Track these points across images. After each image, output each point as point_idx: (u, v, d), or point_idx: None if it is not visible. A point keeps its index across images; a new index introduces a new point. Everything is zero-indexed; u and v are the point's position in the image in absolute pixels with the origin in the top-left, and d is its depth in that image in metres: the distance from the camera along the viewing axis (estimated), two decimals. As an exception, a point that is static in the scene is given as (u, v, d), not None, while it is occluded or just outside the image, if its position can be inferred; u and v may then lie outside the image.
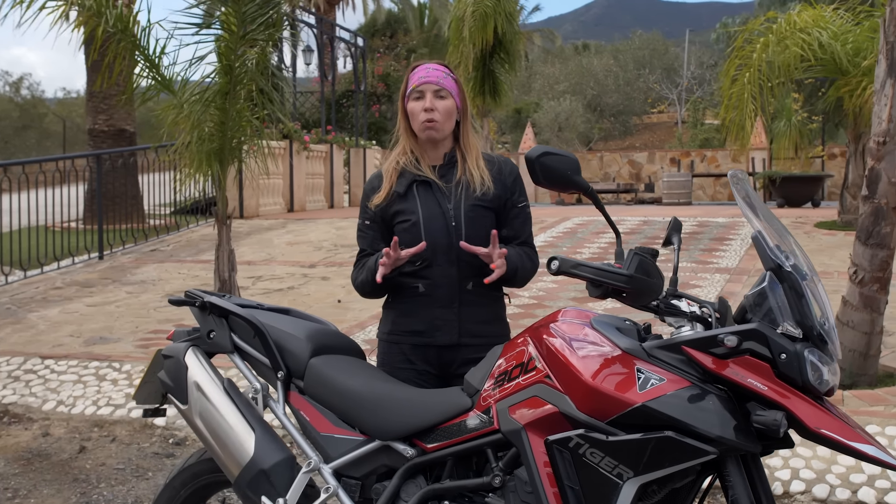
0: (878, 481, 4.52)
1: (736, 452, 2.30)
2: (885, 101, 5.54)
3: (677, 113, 44.21)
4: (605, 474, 2.31)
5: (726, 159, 22.40)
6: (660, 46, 45.78)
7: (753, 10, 28.78)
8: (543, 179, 2.52)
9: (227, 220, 7.28)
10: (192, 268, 10.47)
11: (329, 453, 2.85)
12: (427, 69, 3.20)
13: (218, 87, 6.53)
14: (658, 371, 2.33)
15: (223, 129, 6.81)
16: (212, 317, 3.15)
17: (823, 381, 2.28)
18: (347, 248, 11.26)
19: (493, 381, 2.61)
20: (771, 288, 2.35)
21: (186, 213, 14.15)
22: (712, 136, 31.48)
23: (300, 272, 9.87)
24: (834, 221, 11.48)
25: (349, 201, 19.23)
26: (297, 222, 13.94)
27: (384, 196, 3.19)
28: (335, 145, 18.09)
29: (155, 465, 5.24)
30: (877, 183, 5.57)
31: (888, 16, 5.54)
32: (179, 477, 3.23)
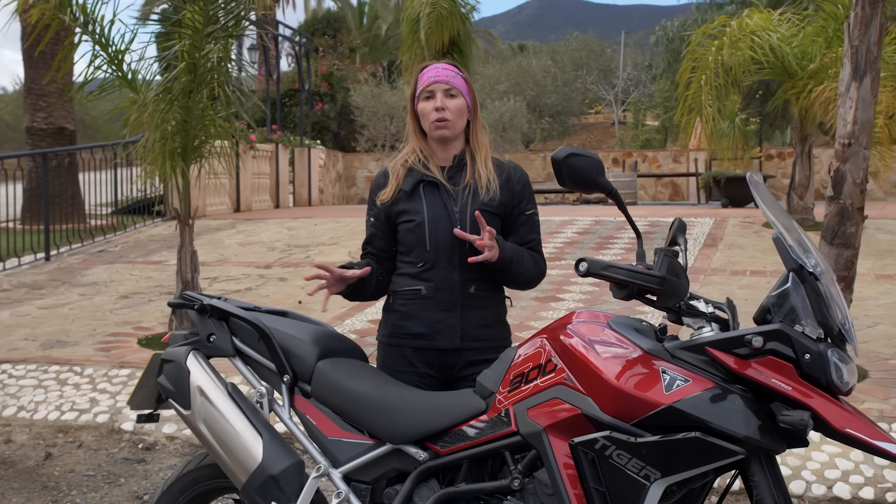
0: (851, 476, 4.62)
1: (762, 452, 2.32)
2: (849, 103, 5.66)
3: (614, 114, 44.74)
4: (631, 476, 2.31)
5: (667, 160, 22.73)
6: (596, 48, 46.25)
7: (689, 13, 29.22)
8: (569, 180, 2.51)
9: (189, 221, 7.15)
10: (143, 269, 10.28)
11: (337, 458, 2.81)
12: (436, 69, 3.18)
13: (182, 85, 6.41)
14: (683, 372, 2.34)
15: (186, 127, 6.70)
16: (211, 320, 3.09)
17: (844, 381, 2.31)
18: (301, 249, 11.16)
19: (509, 383, 2.60)
20: (793, 288, 2.37)
21: (127, 213, 13.90)
22: (653, 137, 31.96)
23: (256, 273, 9.76)
24: (781, 221, 11.69)
25: (294, 201, 19.07)
26: (246, 222, 13.78)
27: (391, 193, 3.16)
28: (280, 145, 17.93)
29: (126, 471, 5.13)
30: (842, 184, 5.69)
31: (853, 20, 5.66)
32: (178, 483, 3.16)
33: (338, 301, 3.24)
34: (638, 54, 47.95)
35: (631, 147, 30.29)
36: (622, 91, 44.45)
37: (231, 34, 6.86)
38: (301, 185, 19.23)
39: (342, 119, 23.89)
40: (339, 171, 22.36)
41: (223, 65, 6.78)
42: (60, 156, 12.96)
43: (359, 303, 7.65)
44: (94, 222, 13.57)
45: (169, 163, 6.76)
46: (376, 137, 18.60)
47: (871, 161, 6.08)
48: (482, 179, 3.12)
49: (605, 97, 45.12)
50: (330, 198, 21.25)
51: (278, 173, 17.95)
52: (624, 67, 45.65)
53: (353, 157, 23.18)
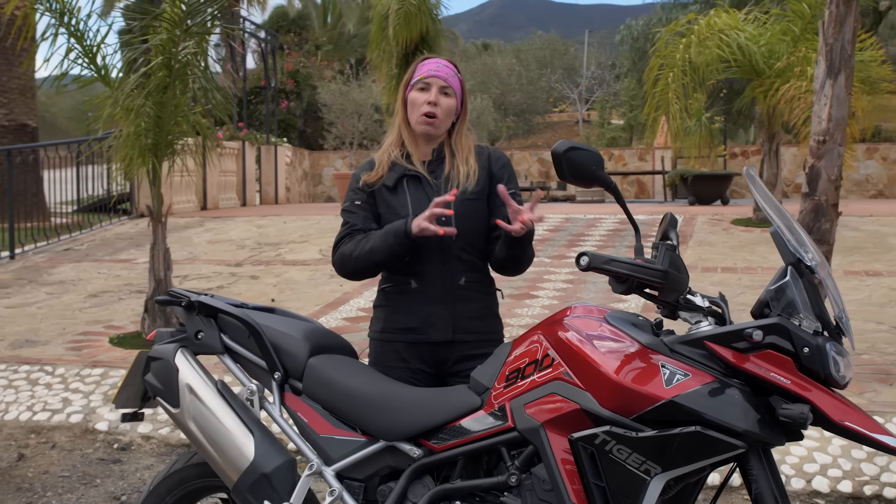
0: (830, 470, 4.66)
1: (761, 446, 2.33)
2: (824, 100, 5.72)
3: (578, 112, 44.95)
4: (632, 470, 2.30)
5: (633, 158, 22.85)
6: (560, 47, 46.44)
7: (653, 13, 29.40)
8: (569, 174, 2.50)
9: (162, 218, 7.07)
10: (112, 267, 10.15)
11: (330, 455, 2.79)
12: (437, 63, 3.17)
13: (158, 80, 6.33)
14: (682, 366, 2.34)
15: (159, 123, 6.62)
16: (199, 317, 3.06)
17: (841, 375, 2.32)
18: (272, 247, 11.09)
19: (505, 378, 2.58)
20: (792, 282, 2.37)
21: (91, 211, 13.73)
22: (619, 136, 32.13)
23: (227, 271, 9.67)
24: (749, 218, 11.80)
25: (261, 199, 18.95)
26: (214, 220, 13.66)
27: (375, 177, 3.13)
28: (247, 142, 17.80)
29: (102, 472, 5.05)
30: (817, 180, 5.75)
31: (827, 18, 5.72)
32: (165, 483, 3.12)
33: (314, 298, 3.20)
34: (601, 53, 48.22)
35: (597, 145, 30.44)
36: (586, 90, 44.66)
37: (208, 31, 6.80)
38: (268, 184, 19.11)
39: (308, 117, 23.77)
40: (306, 169, 22.24)
41: (198, 60, 6.71)
42: (24, 153, 12.75)
43: (333, 300, 7.61)
44: (57, 220, 13.38)
45: (141, 159, 6.68)
46: (344, 135, 18.52)
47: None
48: (461, 173, 3.10)
49: (570, 96, 45.31)
50: (297, 196, 21.13)
51: (245, 171, 17.82)
52: (588, 66, 45.87)
53: (320, 155, 23.07)
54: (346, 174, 17.39)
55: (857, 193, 20.11)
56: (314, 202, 21.87)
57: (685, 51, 10.46)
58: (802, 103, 9.51)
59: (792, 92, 10.00)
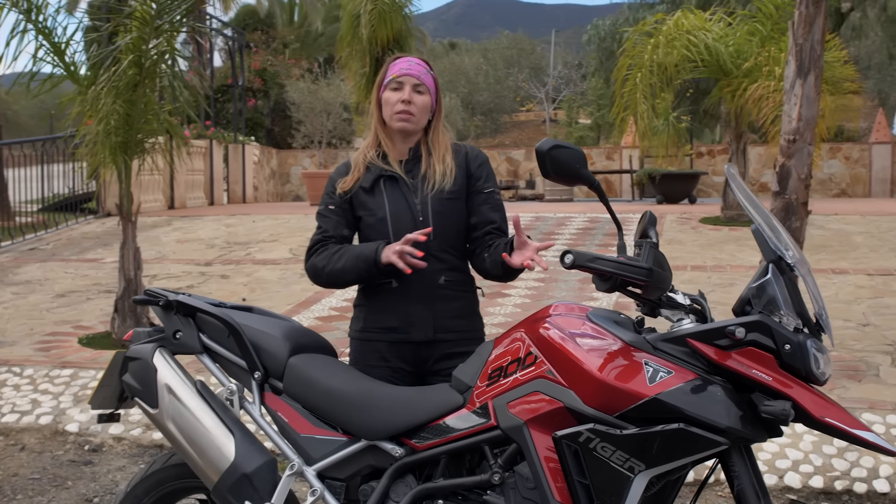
0: (801, 466, 4.71)
1: (743, 443, 2.34)
2: (794, 100, 5.77)
3: (545, 111, 45.08)
4: (616, 468, 2.31)
5: (601, 157, 22.95)
6: (527, 46, 46.60)
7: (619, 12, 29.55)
8: (552, 172, 2.51)
9: (132, 217, 7.00)
10: (79, 267, 10.04)
11: (311, 455, 2.77)
12: (409, 62, 3.17)
13: (128, 78, 6.27)
14: (665, 364, 2.35)
15: (129, 121, 6.55)
16: (177, 316, 3.02)
17: (821, 371, 2.34)
18: (241, 246, 11.02)
19: (487, 377, 2.58)
20: (773, 279, 2.39)
21: (56, 211, 13.58)
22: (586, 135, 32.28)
23: (196, 270, 9.60)
24: (717, 217, 11.90)
25: (228, 198, 18.83)
26: (182, 219, 13.56)
27: (351, 183, 3.13)
28: (214, 141, 17.68)
29: (73, 474, 5.00)
30: (787, 179, 5.80)
31: (797, 19, 5.78)
32: (142, 484, 3.08)
33: (285, 298, 3.17)
34: (567, 53, 48.42)
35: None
36: (553, 89, 44.81)
37: (177, 29, 6.74)
38: (235, 182, 18.99)
39: (276, 115, 23.64)
40: (274, 167, 22.13)
41: (167, 58, 6.65)
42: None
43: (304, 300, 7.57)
44: (22, 220, 13.22)
45: (111, 158, 6.61)
46: (313, 134, 18.42)
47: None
48: (437, 172, 3.10)
49: (537, 95, 45.44)
50: (264, 195, 21.02)
51: (213, 170, 17.70)
52: (554, 66, 46.02)
53: (288, 153, 22.97)
54: (316, 173, 17.27)
55: (820, 192, 20.35)
56: (282, 201, 21.77)
57: (653, 51, 10.53)
58: (771, 103, 9.60)
59: (760, 91, 10.09)
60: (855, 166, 20.71)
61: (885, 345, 6.30)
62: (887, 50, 25.17)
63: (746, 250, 9.66)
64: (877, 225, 11.29)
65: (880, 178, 20.41)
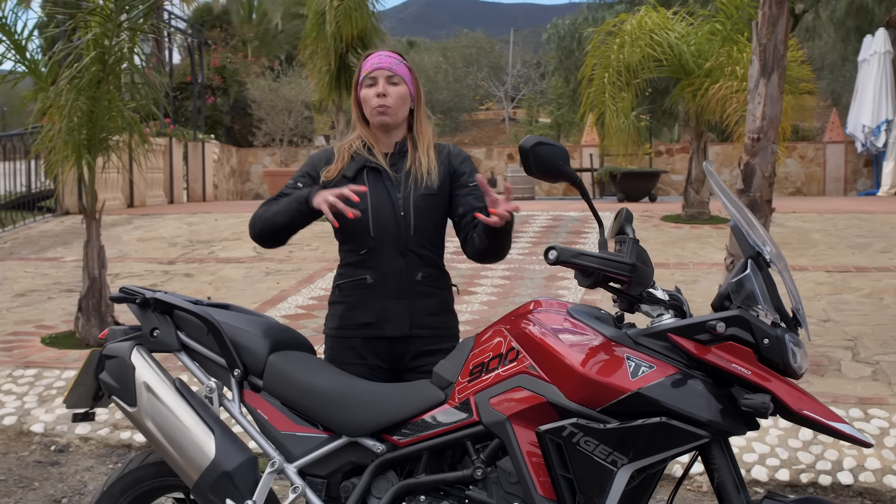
0: (768, 459, 4.79)
1: (724, 436, 2.38)
2: (758, 99, 5.86)
3: (504, 110, 45.16)
4: (599, 462, 2.34)
5: (561, 155, 23.04)
6: (486, 45, 46.62)
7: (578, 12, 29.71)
8: (536, 169, 2.52)
9: (96, 215, 6.92)
10: (38, 266, 9.90)
11: (291, 452, 2.78)
12: (380, 56, 3.18)
13: (91, 74, 6.20)
14: (646, 358, 2.38)
15: (93, 118, 6.48)
16: (155, 314, 3.00)
17: (799, 365, 2.39)
18: (204, 244, 10.94)
19: (469, 373, 2.60)
20: (752, 275, 2.43)
21: (11, 209, 13.37)
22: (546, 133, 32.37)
23: (160, 269, 9.52)
24: (678, 215, 12.02)
25: (188, 197, 18.66)
26: (143, 218, 13.42)
27: (335, 173, 3.12)
28: (174, 139, 17.51)
29: (40, 475, 4.94)
30: (751, 177, 5.88)
31: (761, 19, 5.85)
32: (119, 483, 3.06)
33: (251, 296, 3.16)
34: (526, 52, 48.53)
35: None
36: (512, 88, 44.91)
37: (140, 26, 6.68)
38: (195, 181, 18.83)
39: (236, 113, 23.48)
40: (234, 166, 21.97)
41: (131, 55, 6.59)
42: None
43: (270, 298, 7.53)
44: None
45: (75, 155, 6.53)
46: (274, 132, 18.32)
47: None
48: (423, 167, 3.12)
49: (496, 94, 45.52)
50: (224, 193, 20.86)
51: (172, 168, 17.54)
52: (513, 65, 46.13)
53: (248, 151, 22.81)
54: (277, 171, 17.22)
55: (776, 191, 20.48)
56: (242, 199, 21.63)
57: (619, 50, 10.61)
58: (735, 102, 9.71)
59: (723, 92, 10.20)
60: (810, 165, 21.02)
61: (845, 340, 6.42)
62: (839, 51, 25.55)
63: (707, 248, 9.77)
64: (833, 223, 11.48)
65: (834, 176, 20.74)
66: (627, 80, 10.84)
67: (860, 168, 20.70)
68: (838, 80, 26.02)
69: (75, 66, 6.19)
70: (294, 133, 18.68)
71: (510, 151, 23.40)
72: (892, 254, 9.54)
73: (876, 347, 6.25)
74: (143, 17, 6.59)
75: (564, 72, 27.56)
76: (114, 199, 14.88)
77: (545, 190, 22.44)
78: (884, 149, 18.07)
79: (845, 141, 20.28)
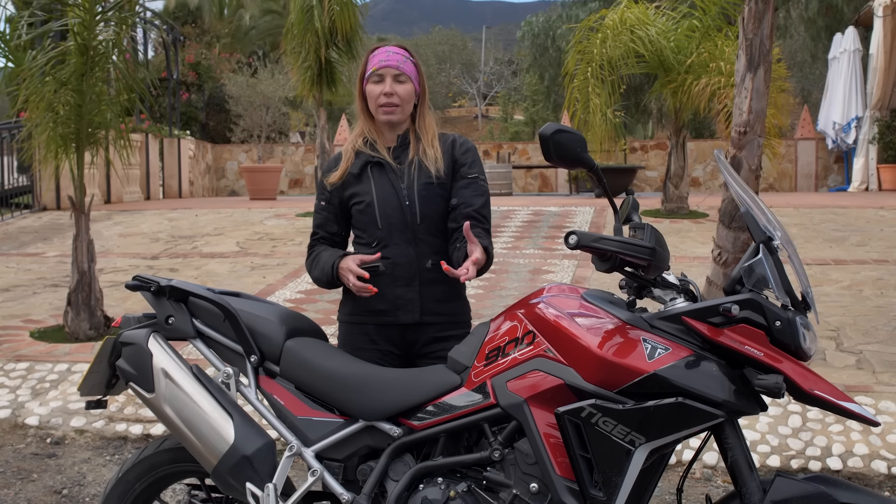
0: (759, 446, 4.87)
1: (738, 416, 2.45)
2: (745, 93, 5.96)
3: (477, 107, 45.28)
4: (617, 441, 2.39)
5: (536, 152, 23.12)
6: (458, 42, 46.71)
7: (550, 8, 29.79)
8: (555, 156, 2.56)
9: (85, 209, 6.90)
10: (20, 261, 9.85)
11: (308, 436, 2.81)
12: (387, 52, 3.19)
13: (73, 67, 6.17)
14: (662, 341, 2.43)
15: (80, 112, 6.45)
16: (169, 301, 3.02)
17: (808, 347, 2.46)
18: (187, 240, 10.92)
19: (485, 357, 2.65)
20: (763, 259, 2.50)
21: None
22: (522, 130, 32.52)
23: (144, 264, 9.49)
24: (658, 210, 12.14)
25: (164, 193, 18.57)
26: (122, 213, 13.35)
27: (339, 176, 3.19)
28: (150, 135, 17.43)
29: (38, 466, 4.94)
30: (738, 170, 5.99)
31: (747, 14, 5.96)
32: (134, 470, 3.09)
33: (238, 290, 3.18)
34: (497, 49, 48.66)
35: (500, 140, 30.79)
36: (485, 85, 45.03)
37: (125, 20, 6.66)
38: (171, 177, 18.75)
39: (211, 109, 23.37)
40: (209, 162, 21.89)
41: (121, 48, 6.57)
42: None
43: (257, 292, 7.54)
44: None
45: (62, 149, 6.50)
46: (252, 128, 18.27)
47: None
48: (427, 157, 3.16)
49: (469, 91, 45.62)
50: (200, 190, 20.78)
51: (149, 164, 17.45)
52: (486, 62, 46.25)
53: (223, 148, 22.73)
54: (255, 167, 17.14)
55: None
56: (218, 196, 21.55)
57: (601, 46, 10.69)
58: (725, 97, 9.82)
59: (710, 88, 10.30)
60: (782, 162, 21.25)
61: (829, 331, 6.54)
62: (809, 49, 25.84)
63: (689, 242, 9.89)
64: (809, 217, 11.65)
65: (805, 173, 20.99)
66: (609, 75, 10.92)
67: (831, 164, 20.98)
68: (808, 77, 26.32)
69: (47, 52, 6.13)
70: (272, 129, 18.63)
71: (485, 148, 23.47)
72: (868, 247, 9.70)
73: (858, 337, 6.37)
74: (119, 8, 6.54)
75: (539, 69, 27.66)
76: (89, 195, 14.78)
77: (521, 187, 22.54)
78: (854, 145, 18.32)
79: (816, 138, 20.53)
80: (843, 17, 21.97)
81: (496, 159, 21.09)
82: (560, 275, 8.44)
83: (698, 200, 12.81)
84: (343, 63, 12.12)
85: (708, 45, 10.91)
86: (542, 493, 2.50)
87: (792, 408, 5.14)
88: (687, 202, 12.13)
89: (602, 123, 12.80)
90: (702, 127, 23.39)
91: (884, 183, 17.21)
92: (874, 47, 16.89)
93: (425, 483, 2.63)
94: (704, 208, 12.20)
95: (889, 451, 4.74)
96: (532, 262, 8.93)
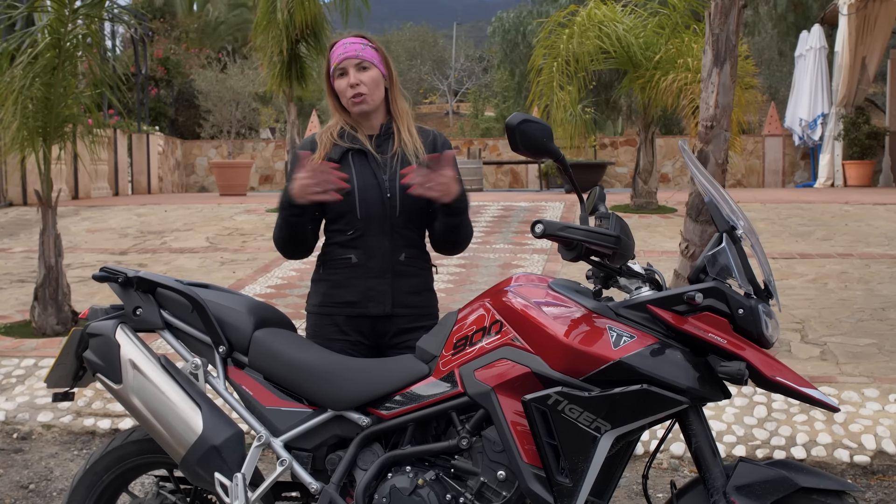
0: (725, 436, 4.93)
1: (702, 402, 2.49)
2: (711, 88, 6.02)
3: (448, 104, 45.28)
4: (583, 428, 2.42)
5: (507, 148, 23.21)
6: (429, 38, 46.69)
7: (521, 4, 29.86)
8: (522, 145, 2.58)
9: (52, 204, 6.85)
10: (-13, 257, 9.76)
11: (277, 427, 2.82)
12: (344, 45, 3.17)
13: (46, 61, 6.13)
14: (627, 329, 2.47)
15: (48, 105, 6.41)
16: (137, 293, 3.01)
17: (771, 334, 2.50)
18: (156, 235, 10.86)
19: (452, 346, 2.67)
20: (727, 248, 2.54)
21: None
22: (492, 126, 32.57)
23: (112, 259, 9.43)
24: (627, 205, 12.22)
25: (133, 189, 18.44)
26: (90, 209, 13.25)
27: (318, 160, 3.14)
28: (118, 130, 17.29)
29: (4, 462, 4.91)
30: (705, 164, 6.04)
31: (713, 10, 6.01)
32: (102, 461, 3.07)
33: (215, 283, 3.17)
34: (468, 46, 48.69)
35: (471, 136, 30.83)
36: (455, 81, 45.05)
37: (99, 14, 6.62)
38: (140, 173, 18.61)
39: (180, 105, 23.22)
40: (178, 158, 21.75)
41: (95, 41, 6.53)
42: None
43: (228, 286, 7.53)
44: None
45: (28, 141, 6.46)
46: (221, 123, 18.18)
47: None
48: (409, 148, 3.17)
49: (440, 87, 45.62)
50: (169, 186, 20.65)
51: (117, 160, 17.32)
52: (457, 59, 46.27)
53: (192, 144, 22.60)
54: (225, 163, 17.07)
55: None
56: (187, 192, 21.43)
57: (568, 41, 10.74)
58: (690, 94, 9.90)
59: (677, 84, 10.37)
60: (750, 158, 21.44)
61: (793, 323, 6.62)
62: (776, 46, 26.09)
63: (657, 236, 9.96)
64: (776, 212, 11.77)
65: (773, 169, 21.21)
66: (575, 71, 10.96)
67: (798, 161, 21.20)
68: (776, 74, 26.57)
69: (29, 52, 6.11)
70: (242, 124, 18.55)
71: (456, 144, 23.49)
72: (833, 241, 9.82)
73: (823, 329, 6.46)
74: (92, 4, 6.50)
75: (510, 65, 27.73)
76: (58, 189, 14.66)
77: (491, 183, 22.59)
78: (820, 142, 18.53)
79: (783, 134, 20.74)
80: (811, 14, 22.22)
81: (467, 155, 21.12)
82: (530, 269, 8.49)
83: (667, 196, 12.89)
84: (313, 58, 12.10)
85: (676, 41, 10.98)
86: (509, 480, 2.53)
87: (757, 398, 5.20)
88: (656, 197, 12.21)
89: (570, 119, 12.86)
90: (671, 123, 23.54)
91: (849, 179, 17.41)
92: (839, 45, 17.09)
93: (394, 472, 2.65)
94: (673, 203, 12.30)
95: (851, 440, 4.81)
96: (502, 257, 8.97)
